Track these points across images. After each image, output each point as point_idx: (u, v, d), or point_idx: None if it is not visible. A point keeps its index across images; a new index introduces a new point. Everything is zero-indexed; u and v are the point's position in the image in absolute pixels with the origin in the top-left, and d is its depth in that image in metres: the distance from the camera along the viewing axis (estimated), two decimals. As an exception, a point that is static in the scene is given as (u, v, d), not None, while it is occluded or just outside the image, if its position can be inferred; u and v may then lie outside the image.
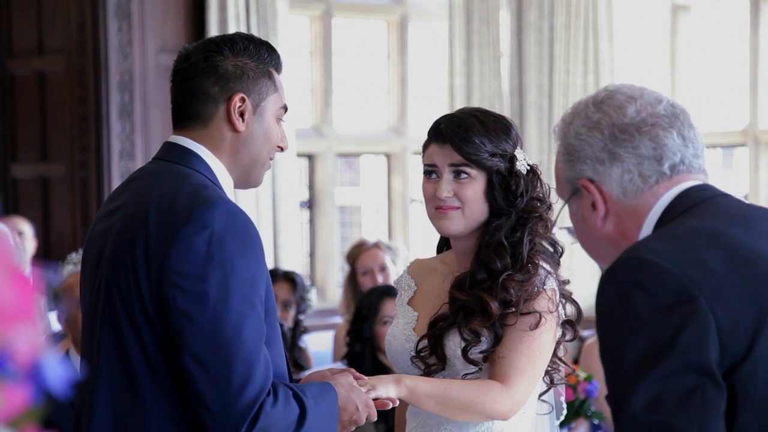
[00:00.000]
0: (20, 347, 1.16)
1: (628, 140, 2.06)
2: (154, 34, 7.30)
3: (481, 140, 2.88)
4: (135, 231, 2.47)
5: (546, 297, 2.86)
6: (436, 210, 2.93)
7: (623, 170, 2.07)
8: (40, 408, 1.18)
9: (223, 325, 2.38)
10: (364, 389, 2.67)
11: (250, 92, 2.59)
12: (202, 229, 2.41)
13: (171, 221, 2.43)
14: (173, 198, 2.46)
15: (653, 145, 2.06)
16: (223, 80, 2.58)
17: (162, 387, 2.46)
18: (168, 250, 2.41)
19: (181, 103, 2.62)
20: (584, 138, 2.09)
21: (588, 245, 2.16)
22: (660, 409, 1.86)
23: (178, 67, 2.63)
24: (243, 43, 2.61)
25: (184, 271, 2.40)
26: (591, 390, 4.56)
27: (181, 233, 2.41)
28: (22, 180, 7.64)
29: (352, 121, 8.56)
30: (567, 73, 7.49)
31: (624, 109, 2.08)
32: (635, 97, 2.10)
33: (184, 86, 2.60)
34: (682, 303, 1.87)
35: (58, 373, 1.19)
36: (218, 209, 2.43)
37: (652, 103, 2.09)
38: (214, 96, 2.58)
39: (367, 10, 8.57)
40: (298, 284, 5.75)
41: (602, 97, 2.11)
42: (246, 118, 2.59)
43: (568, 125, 2.12)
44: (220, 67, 2.58)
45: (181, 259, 2.40)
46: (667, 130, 2.07)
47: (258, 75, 2.60)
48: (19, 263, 1.21)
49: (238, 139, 2.59)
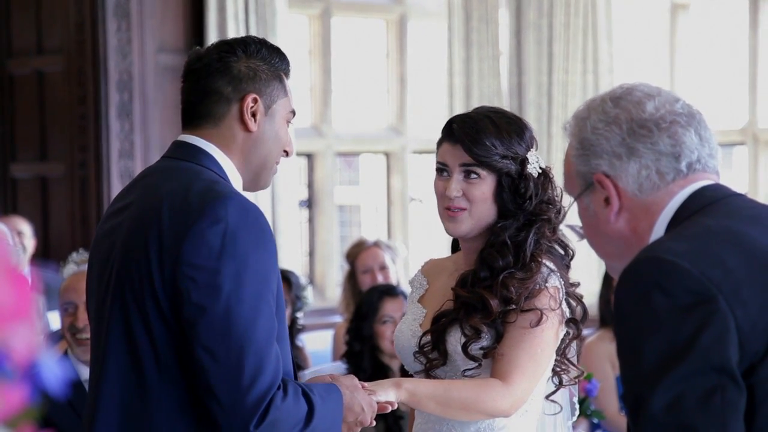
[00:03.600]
0: (17, 347, 1.16)
1: (647, 136, 2.06)
2: (153, 34, 7.29)
3: (492, 142, 2.89)
4: (147, 226, 2.48)
5: (548, 294, 2.87)
6: (446, 210, 2.95)
7: (641, 166, 2.06)
8: (37, 408, 1.18)
9: (235, 318, 2.40)
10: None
11: (262, 93, 2.62)
12: (216, 222, 2.42)
13: (185, 216, 2.45)
14: (186, 193, 2.48)
15: (672, 142, 2.06)
16: (236, 80, 2.60)
17: (171, 382, 2.47)
18: (181, 243, 2.43)
19: (193, 102, 2.63)
20: (601, 132, 2.08)
21: (596, 242, 2.16)
22: (680, 410, 1.85)
23: (191, 67, 2.65)
24: (256, 46, 2.64)
25: (198, 264, 2.41)
26: (590, 389, 4.57)
27: (194, 227, 2.42)
28: (21, 179, 7.65)
29: (351, 120, 8.55)
30: (566, 71, 7.49)
31: (643, 105, 2.08)
32: (653, 94, 2.09)
33: (197, 86, 2.62)
34: (701, 303, 1.87)
35: (55, 373, 1.18)
36: (232, 203, 2.45)
37: (670, 101, 2.09)
38: (227, 96, 2.60)
39: (366, 9, 8.57)
40: (294, 283, 5.74)
41: (620, 93, 2.11)
42: (258, 118, 2.61)
43: (583, 120, 2.11)
44: (234, 67, 2.61)
45: (195, 253, 2.41)
46: (685, 128, 2.07)
47: (270, 78, 2.63)
48: (16, 263, 1.21)
49: (249, 140, 2.61)
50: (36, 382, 1.18)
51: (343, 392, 2.60)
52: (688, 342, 1.86)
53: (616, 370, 5.14)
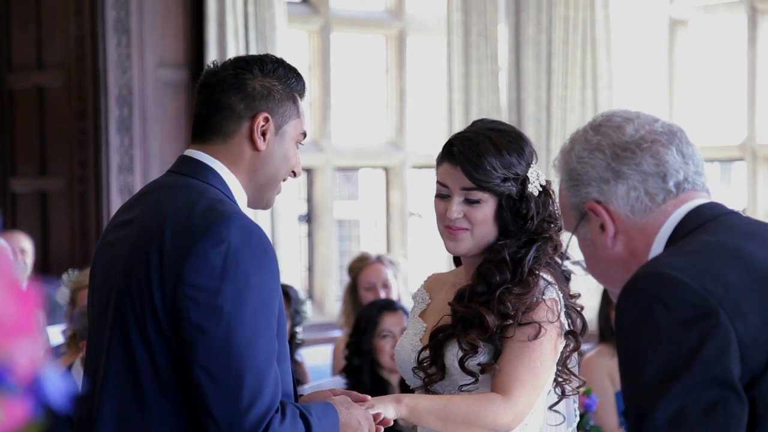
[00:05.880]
0: (20, 361, 1.17)
1: (630, 157, 2.08)
2: (152, 49, 7.30)
3: (493, 165, 2.89)
4: (150, 244, 2.48)
5: (545, 307, 2.87)
6: (446, 228, 2.95)
7: (629, 187, 2.08)
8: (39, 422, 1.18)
9: (235, 339, 2.39)
10: (363, 406, 2.70)
11: (274, 113, 2.62)
12: (218, 243, 2.42)
13: (187, 235, 2.44)
14: (189, 212, 2.47)
15: (655, 162, 2.08)
16: (250, 98, 2.61)
17: (170, 400, 2.47)
18: (183, 263, 2.42)
19: (204, 115, 2.63)
20: (586, 160, 2.11)
21: (598, 271, 2.17)
22: (683, 423, 1.86)
23: (206, 80, 2.66)
24: (273, 65, 2.65)
25: (199, 284, 2.41)
26: (590, 404, 4.57)
27: (196, 247, 2.42)
28: (21, 194, 7.65)
29: (350, 135, 8.56)
30: (565, 87, 7.50)
31: (623, 129, 2.11)
32: (632, 118, 2.13)
33: (210, 99, 2.62)
34: (702, 317, 1.88)
35: (58, 387, 1.19)
36: (234, 224, 2.44)
37: (649, 122, 2.13)
38: (239, 113, 2.61)
39: (366, 24, 8.59)
40: (293, 297, 5.74)
41: (600, 121, 2.15)
42: (267, 138, 2.62)
43: (568, 152, 2.15)
44: (249, 85, 2.61)
45: (197, 273, 2.41)
46: (666, 146, 2.09)
47: (284, 98, 2.64)
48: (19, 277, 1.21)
49: (257, 158, 2.62)
50: (38, 396, 1.18)
51: (338, 409, 2.60)
52: (690, 355, 1.87)
53: (616, 385, 5.14)
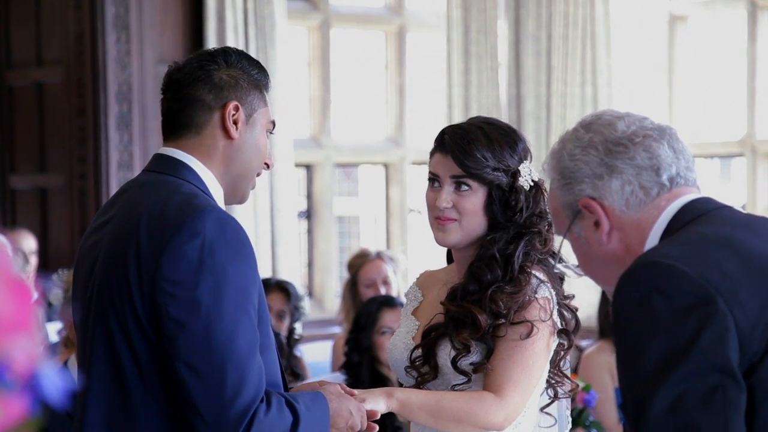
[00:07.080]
0: (18, 358, 1.17)
1: (624, 152, 2.09)
2: (152, 45, 7.30)
3: (483, 154, 2.89)
4: (126, 242, 2.48)
5: (537, 306, 2.86)
6: (436, 219, 2.95)
7: (623, 182, 2.09)
8: (37, 419, 1.18)
9: (215, 332, 2.40)
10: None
11: (243, 102, 2.63)
12: (193, 237, 2.42)
13: (162, 230, 2.45)
14: (164, 208, 2.48)
15: (648, 155, 2.09)
16: (218, 88, 2.62)
17: (155, 398, 2.47)
18: (159, 259, 2.43)
19: (174, 110, 2.64)
20: (579, 158, 2.12)
21: (592, 269, 2.17)
22: (682, 410, 1.87)
23: (171, 77, 2.67)
24: (236, 57, 2.67)
25: (176, 279, 2.41)
26: (589, 400, 4.57)
27: (172, 242, 2.42)
28: (21, 191, 7.65)
29: (350, 131, 8.56)
30: (565, 83, 7.49)
31: (614, 125, 2.12)
32: (621, 116, 2.15)
33: (178, 94, 2.63)
34: (700, 305, 1.89)
35: (55, 384, 1.19)
36: (209, 217, 2.45)
37: (639, 119, 2.15)
38: (209, 103, 2.62)
39: (365, 20, 8.58)
40: (292, 294, 5.75)
41: (590, 120, 2.16)
42: (239, 126, 2.62)
43: (559, 151, 2.16)
44: (215, 75, 2.63)
45: (173, 268, 2.41)
46: (658, 141, 2.11)
47: (250, 87, 2.65)
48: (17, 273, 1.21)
49: (230, 147, 2.62)
50: (36, 393, 1.18)
51: (329, 399, 2.60)
52: (689, 343, 1.88)
53: (615, 381, 5.14)
